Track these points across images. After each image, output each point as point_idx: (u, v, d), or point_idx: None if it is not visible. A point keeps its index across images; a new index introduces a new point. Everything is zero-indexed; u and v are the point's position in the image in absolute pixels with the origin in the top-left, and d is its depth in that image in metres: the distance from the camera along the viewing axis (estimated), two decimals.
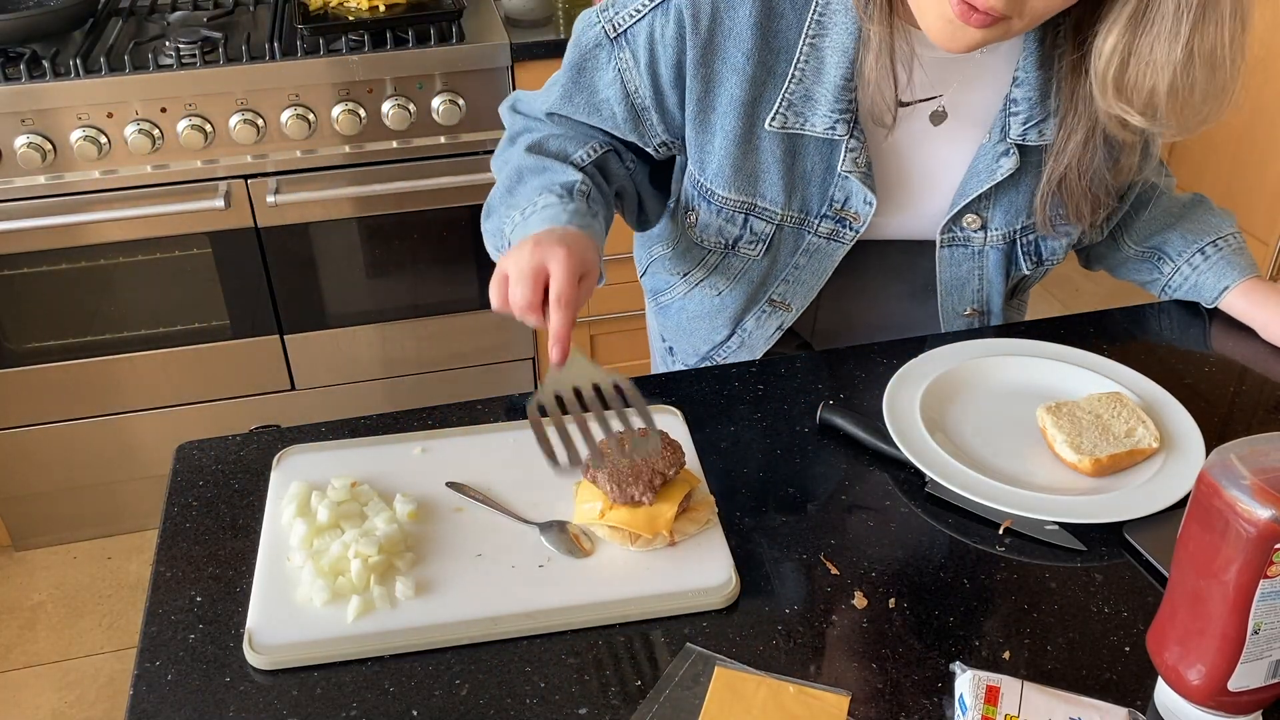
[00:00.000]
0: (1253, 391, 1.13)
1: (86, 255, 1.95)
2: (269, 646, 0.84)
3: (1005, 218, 1.14)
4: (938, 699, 0.80)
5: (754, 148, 1.10)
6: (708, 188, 1.14)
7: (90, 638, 2.08)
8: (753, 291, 1.22)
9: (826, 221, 1.14)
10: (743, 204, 1.14)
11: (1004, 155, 1.09)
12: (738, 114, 1.08)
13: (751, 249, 1.17)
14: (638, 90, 1.10)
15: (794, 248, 1.17)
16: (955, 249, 1.17)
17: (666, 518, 0.91)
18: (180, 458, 1.04)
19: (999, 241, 1.16)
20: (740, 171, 1.11)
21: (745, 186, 1.12)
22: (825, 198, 1.12)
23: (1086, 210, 1.11)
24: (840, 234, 1.15)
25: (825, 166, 1.10)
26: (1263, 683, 0.74)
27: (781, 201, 1.13)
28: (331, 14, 1.93)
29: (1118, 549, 0.93)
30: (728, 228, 1.16)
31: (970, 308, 1.22)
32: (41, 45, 1.87)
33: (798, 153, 1.10)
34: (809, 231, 1.15)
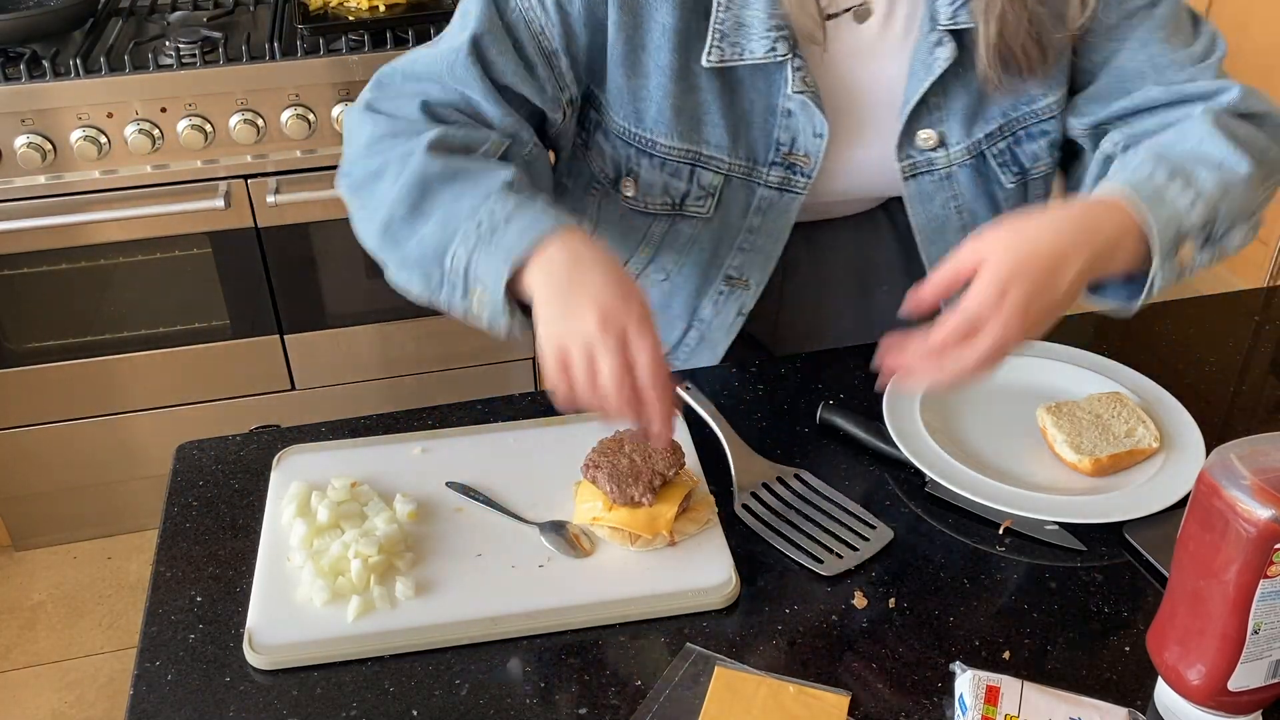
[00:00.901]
0: (1253, 391, 1.13)
1: (86, 255, 1.95)
2: (269, 646, 0.84)
3: (963, 127, 1.05)
4: (938, 699, 0.80)
5: (693, 86, 1.01)
6: (648, 139, 1.05)
7: (90, 638, 2.08)
8: (705, 267, 1.13)
9: (776, 170, 1.06)
10: (687, 153, 1.05)
11: (938, 45, 1.00)
12: (674, 46, 0.99)
13: (700, 206, 1.08)
14: (543, 31, 0.99)
15: (745, 206, 1.09)
16: (920, 179, 1.07)
17: (666, 518, 0.91)
18: (180, 458, 1.04)
19: (964, 157, 1.06)
20: (682, 114, 1.03)
21: (689, 132, 1.04)
22: (770, 141, 1.05)
23: (1036, 53, 1.00)
24: (792, 182, 1.07)
25: (765, 105, 1.03)
26: (1263, 683, 0.74)
27: (727, 145, 1.04)
28: (331, 14, 1.93)
29: (1118, 549, 0.93)
30: (673, 183, 1.07)
31: None
32: (41, 45, 1.87)
33: (736, 88, 1.02)
34: (759, 183, 1.07)
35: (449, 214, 0.89)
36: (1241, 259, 2.77)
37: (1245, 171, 0.91)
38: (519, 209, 0.87)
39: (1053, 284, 0.83)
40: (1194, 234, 0.87)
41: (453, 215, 0.89)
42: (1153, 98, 1.00)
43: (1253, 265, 2.74)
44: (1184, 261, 0.88)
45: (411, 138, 0.94)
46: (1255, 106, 0.99)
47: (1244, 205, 0.92)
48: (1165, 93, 1.00)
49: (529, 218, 0.86)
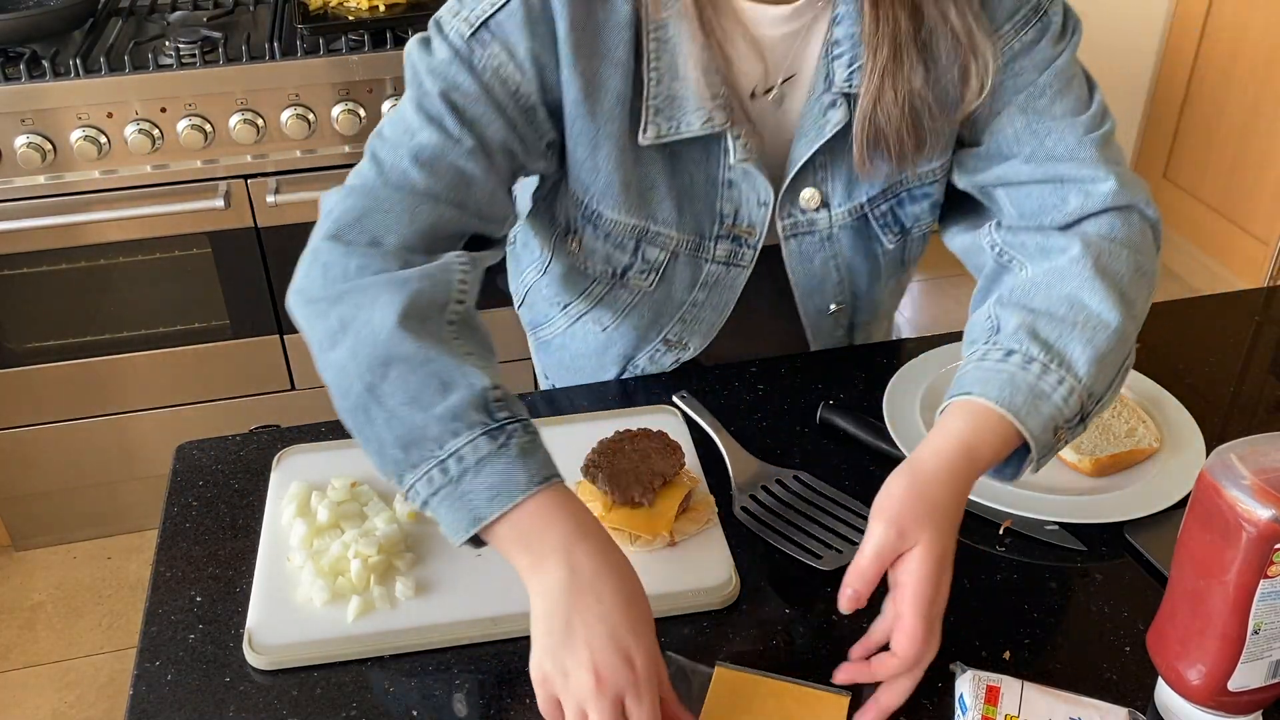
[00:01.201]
0: (1253, 391, 1.13)
1: (86, 255, 1.95)
2: (269, 646, 0.84)
3: (846, 188, 1.02)
4: (938, 699, 0.80)
5: (640, 158, 0.98)
6: (594, 210, 1.01)
7: (90, 638, 2.08)
8: (644, 329, 1.12)
9: (722, 244, 1.04)
10: (634, 228, 1.02)
11: (831, 107, 0.96)
12: (626, 115, 0.94)
13: (643, 279, 1.06)
14: (519, 88, 0.92)
15: (690, 280, 1.06)
16: (801, 239, 1.05)
17: (666, 518, 0.91)
18: (180, 458, 1.04)
19: (846, 219, 1.04)
20: (630, 188, 0.99)
21: (637, 206, 1.00)
22: (714, 214, 1.02)
23: (910, 140, 0.96)
24: (739, 255, 1.04)
25: (706, 178, 1.00)
26: (1263, 683, 0.74)
27: (675, 221, 1.02)
28: (331, 14, 1.93)
29: (1118, 549, 0.93)
30: (616, 255, 1.04)
31: (834, 304, 1.11)
32: (41, 45, 1.87)
33: (679, 162, 0.99)
34: (705, 259, 1.05)
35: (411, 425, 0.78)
36: (1242, 259, 2.77)
37: (1114, 325, 0.87)
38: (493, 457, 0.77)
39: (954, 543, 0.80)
40: (1070, 422, 0.85)
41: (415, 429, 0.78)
42: (1027, 174, 0.96)
43: (1253, 265, 2.74)
44: (1058, 444, 0.86)
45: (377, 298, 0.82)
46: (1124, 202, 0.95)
47: (1115, 370, 0.88)
48: (1040, 171, 0.96)
49: (500, 471, 0.76)
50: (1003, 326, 0.89)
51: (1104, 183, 0.94)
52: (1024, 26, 0.95)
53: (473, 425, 0.77)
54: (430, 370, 0.79)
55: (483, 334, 0.88)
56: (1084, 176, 0.95)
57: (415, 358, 0.80)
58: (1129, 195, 0.94)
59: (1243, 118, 2.71)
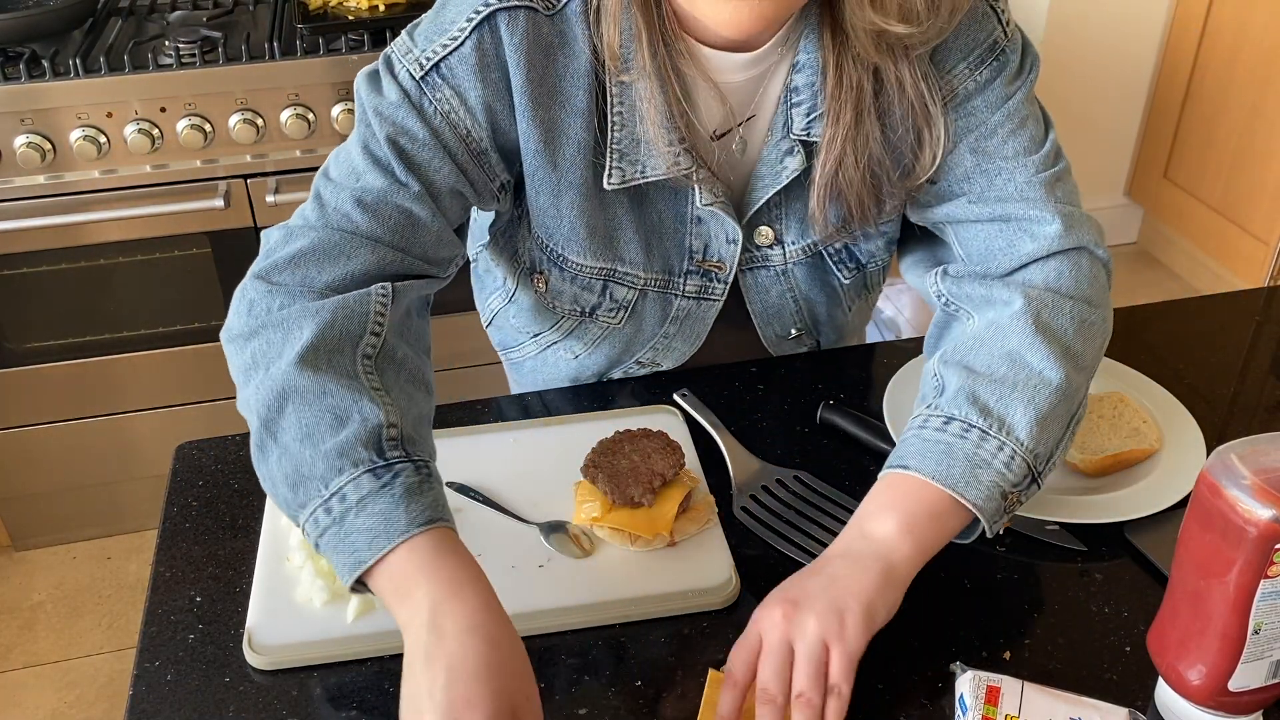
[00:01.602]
0: (1253, 391, 1.13)
1: (86, 255, 1.95)
2: (269, 647, 0.84)
3: (801, 229, 1.02)
4: (938, 699, 0.80)
5: (605, 203, 0.98)
6: (559, 254, 1.01)
7: (90, 638, 2.08)
8: (616, 356, 1.12)
9: (692, 279, 1.04)
10: (601, 270, 1.02)
11: (788, 154, 0.96)
12: (587, 163, 0.94)
13: (612, 317, 1.06)
14: (469, 134, 0.90)
15: (661, 316, 1.07)
16: (757, 272, 1.06)
17: (666, 518, 0.91)
18: (180, 458, 1.04)
19: (801, 256, 1.05)
20: (595, 233, 0.99)
21: (603, 250, 1.00)
22: (683, 250, 1.02)
23: (870, 201, 0.96)
24: (709, 290, 1.05)
25: (674, 215, 1.00)
26: (1263, 683, 0.74)
27: (643, 262, 1.02)
28: (331, 14, 1.93)
29: (1118, 549, 0.93)
30: (584, 295, 1.05)
31: (794, 330, 1.13)
32: (41, 45, 1.87)
33: (645, 203, 0.99)
34: (675, 294, 1.05)
35: (300, 462, 0.77)
36: (1242, 259, 2.77)
37: (1056, 382, 0.86)
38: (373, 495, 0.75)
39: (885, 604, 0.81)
40: (1019, 486, 0.84)
41: (304, 466, 0.77)
42: (974, 214, 0.96)
43: (1253, 265, 2.74)
44: (1010, 507, 0.85)
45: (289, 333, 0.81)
46: (1069, 245, 0.93)
47: (1060, 429, 0.87)
48: (988, 210, 0.95)
49: (381, 514, 0.74)
50: (946, 387, 0.88)
51: (1050, 224, 0.93)
52: (979, 66, 0.93)
53: (358, 463, 0.75)
54: (326, 405, 0.77)
55: (411, 366, 0.86)
56: (1030, 217, 0.93)
57: (311, 392, 0.78)
58: (1076, 238, 0.93)
59: (1243, 118, 2.71)
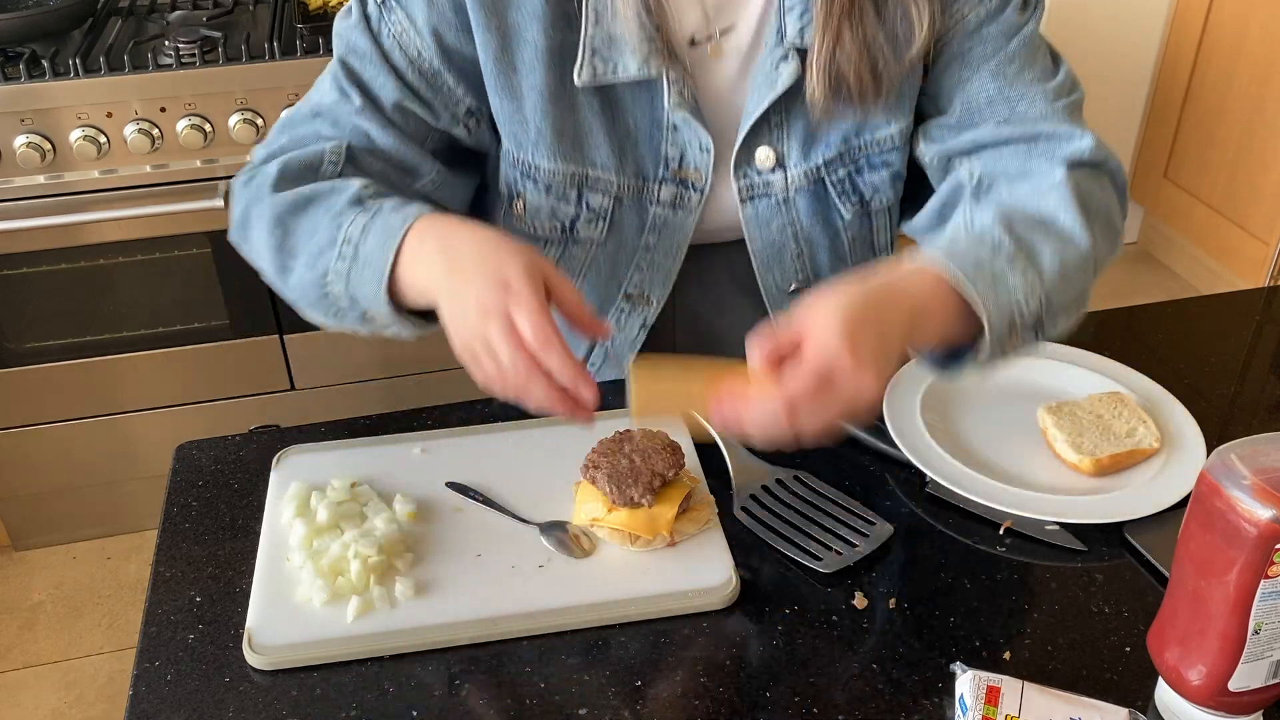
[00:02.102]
0: (1253, 391, 1.13)
1: (86, 255, 1.95)
2: (269, 647, 0.84)
3: (802, 148, 1.02)
4: (938, 699, 0.80)
5: (571, 105, 0.98)
6: (530, 163, 1.02)
7: (90, 638, 2.08)
8: (604, 287, 1.10)
9: (667, 186, 1.03)
10: (572, 175, 1.02)
11: (783, 60, 0.96)
12: (547, 65, 0.96)
13: (592, 229, 1.05)
14: (420, 54, 0.96)
15: (640, 225, 1.06)
16: (758, 203, 1.05)
17: (666, 519, 0.91)
18: (180, 458, 1.04)
19: (803, 182, 1.04)
20: (563, 136, 0.99)
21: (571, 153, 1.01)
22: (659, 157, 1.02)
23: (869, 82, 0.96)
24: (684, 199, 1.04)
25: (650, 120, 1.00)
26: (1263, 683, 0.74)
27: (614, 165, 1.02)
28: (331, 14, 1.93)
29: (1118, 549, 0.93)
30: (561, 207, 1.04)
31: (795, 282, 1.10)
32: (41, 45, 1.87)
33: (617, 105, 0.99)
34: (651, 202, 1.04)
35: (311, 250, 0.90)
36: (1242, 259, 2.77)
37: (1084, 248, 0.89)
38: (371, 221, 0.87)
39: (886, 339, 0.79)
40: (1026, 322, 0.85)
41: (315, 250, 0.90)
42: (1003, 135, 0.97)
43: (1253, 265, 2.74)
44: (1009, 347, 0.86)
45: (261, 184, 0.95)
46: (1101, 158, 0.96)
47: (1076, 293, 0.89)
48: (1015, 131, 0.97)
49: (380, 226, 0.86)
50: (974, 220, 0.90)
51: (1081, 140, 0.96)
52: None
53: (348, 214, 0.89)
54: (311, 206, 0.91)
55: None
56: (1061, 134, 0.96)
57: (295, 203, 0.92)
58: (1106, 153, 0.96)
59: (1243, 118, 2.71)
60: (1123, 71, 2.95)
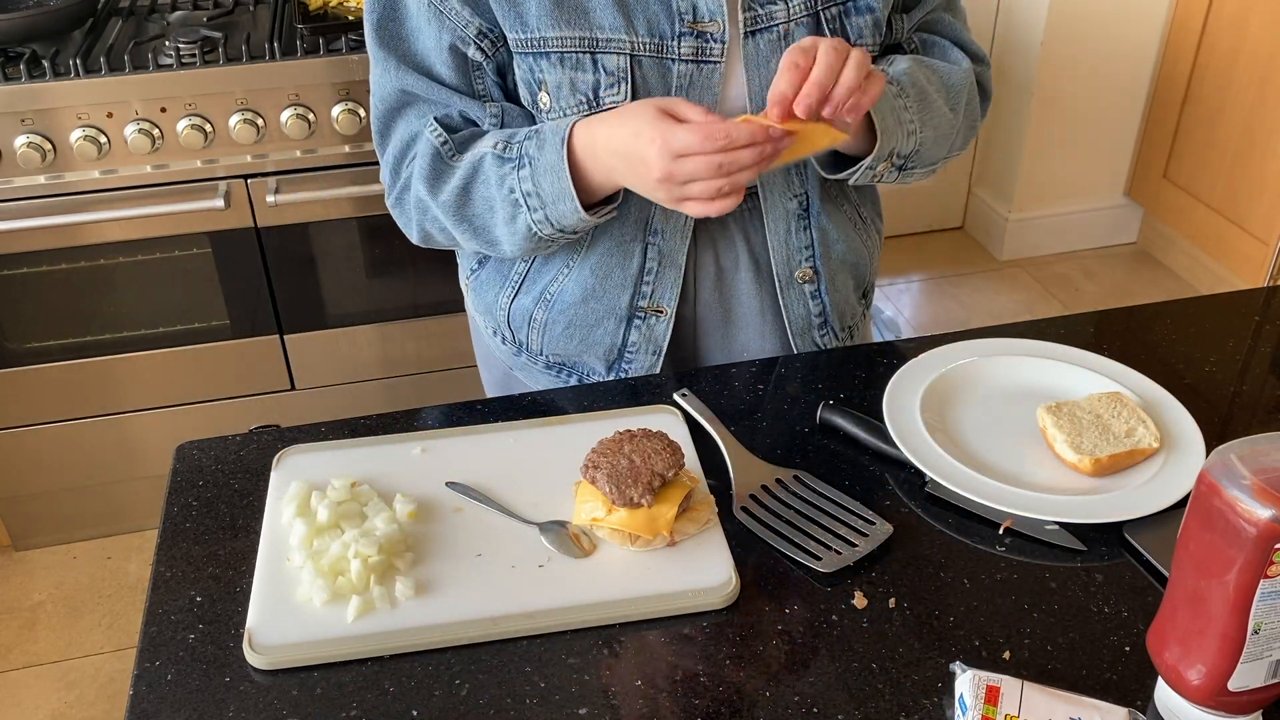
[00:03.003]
0: (1253, 391, 1.13)
1: (86, 255, 1.95)
2: (269, 646, 0.84)
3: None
4: (938, 699, 0.80)
5: None
6: (537, 39, 1.04)
7: (90, 638, 2.08)
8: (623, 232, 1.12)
9: (686, 40, 1.04)
10: (581, 40, 1.04)
11: None
12: None
13: (615, 94, 1.06)
14: None
15: (665, 86, 1.07)
16: (759, 37, 1.06)
17: (666, 519, 0.91)
18: (180, 458, 1.04)
19: (802, 13, 1.07)
20: (563, 4, 1.02)
21: (574, 19, 1.03)
22: (671, 12, 1.04)
23: None
24: (706, 50, 1.05)
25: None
26: (1263, 683, 0.74)
27: (622, 26, 1.03)
28: (331, 14, 1.93)
29: (1118, 549, 0.93)
30: (579, 76, 1.05)
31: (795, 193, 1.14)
32: (41, 45, 1.87)
33: None
34: (672, 59, 1.05)
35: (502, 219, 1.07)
36: (1241, 259, 2.77)
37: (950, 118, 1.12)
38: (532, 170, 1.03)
39: None
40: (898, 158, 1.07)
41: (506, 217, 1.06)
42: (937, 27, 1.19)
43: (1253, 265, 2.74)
44: (878, 172, 1.08)
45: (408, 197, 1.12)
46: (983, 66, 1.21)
47: (931, 159, 1.12)
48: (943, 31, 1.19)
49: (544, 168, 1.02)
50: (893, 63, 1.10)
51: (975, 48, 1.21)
52: None
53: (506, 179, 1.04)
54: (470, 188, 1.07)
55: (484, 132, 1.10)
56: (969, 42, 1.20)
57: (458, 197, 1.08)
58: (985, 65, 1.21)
59: (1243, 118, 2.71)
60: (1123, 71, 2.95)
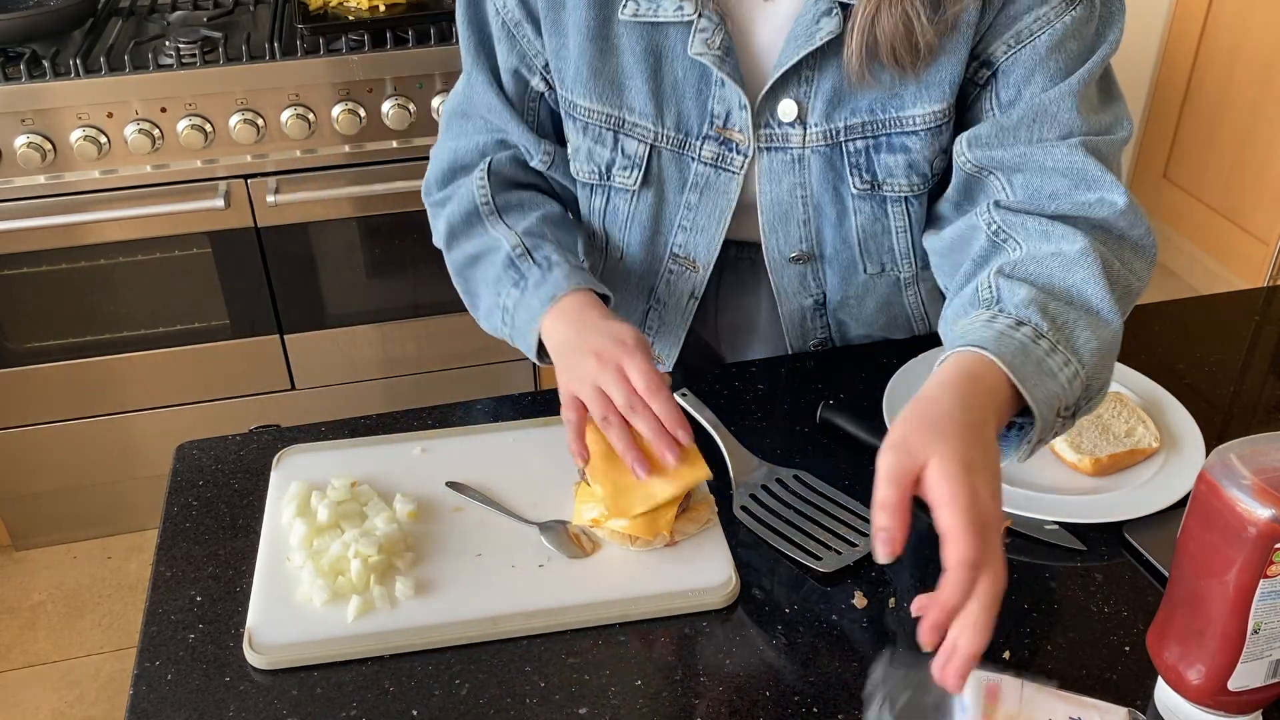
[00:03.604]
0: (1253, 391, 1.13)
1: (86, 255, 1.95)
2: (269, 646, 0.84)
3: (827, 108, 1.00)
4: None
5: (612, 46, 1.00)
6: (570, 100, 1.05)
7: (90, 638, 2.08)
8: (649, 245, 1.12)
9: (709, 144, 1.03)
10: (608, 117, 1.04)
11: (825, 15, 0.95)
12: (589, 4, 0.99)
13: (627, 177, 1.07)
14: (505, 4, 1.04)
15: (680, 181, 1.06)
16: (773, 154, 1.03)
17: (666, 519, 0.91)
18: (180, 458, 1.04)
19: (820, 141, 1.01)
20: (600, 75, 1.02)
21: (608, 94, 1.03)
22: (705, 113, 1.02)
23: (905, 50, 0.94)
24: (727, 159, 1.03)
25: (698, 74, 1.00)
26: (1263, 682, 0.74)
27: (651, 114, 1.02)
28: (331, 14, 1.93)
29: (1118, 549, 0.93)
30: (597, 149, 1.06)
31: (798, 249, 1.09)
32: (41, 45, 1.87)
33: (663, 56, 1.00)
34: (692, 158, 1.04)
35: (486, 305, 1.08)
36: (1242, 259, 2.77)
37: (1115, 327, 0.88)
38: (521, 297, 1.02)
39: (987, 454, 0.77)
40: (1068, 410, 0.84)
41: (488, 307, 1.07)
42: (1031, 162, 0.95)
43: (1253, 265, 2.74)
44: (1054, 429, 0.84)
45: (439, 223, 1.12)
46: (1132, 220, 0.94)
47: (1108, 373, 0.87)
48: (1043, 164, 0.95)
49: (526, 306, 1.02)
50: (1005, 297, 0.87)
51: (1116, 195, 0.93)
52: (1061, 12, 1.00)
53: (503, 283, 1.04)
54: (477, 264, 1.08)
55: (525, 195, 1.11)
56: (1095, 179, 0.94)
57: (466, 262, 1.10)
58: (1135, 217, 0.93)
59: (1243, 118, 2.71)
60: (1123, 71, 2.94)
